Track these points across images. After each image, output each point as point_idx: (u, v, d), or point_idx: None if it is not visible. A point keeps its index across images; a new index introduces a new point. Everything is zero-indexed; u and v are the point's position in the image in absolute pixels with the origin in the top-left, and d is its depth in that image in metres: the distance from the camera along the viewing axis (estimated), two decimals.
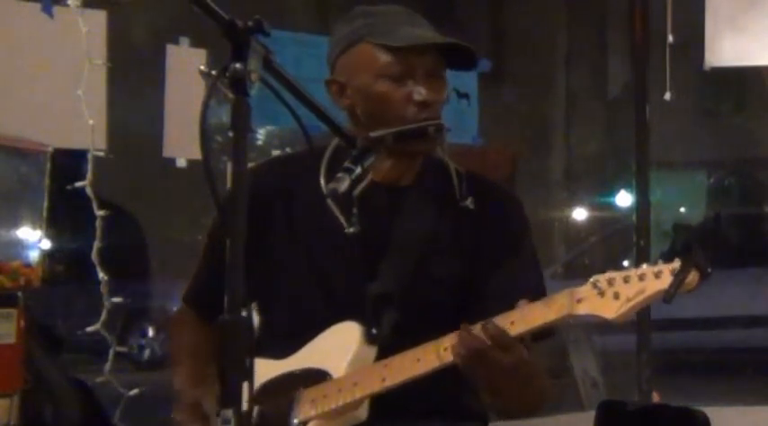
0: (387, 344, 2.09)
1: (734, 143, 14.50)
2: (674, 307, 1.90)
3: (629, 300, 1.86)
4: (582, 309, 1.89)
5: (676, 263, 1.83)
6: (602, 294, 1.88)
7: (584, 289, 1.90)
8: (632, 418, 2.96)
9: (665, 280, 1.83)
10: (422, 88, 2.11)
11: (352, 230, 2.13)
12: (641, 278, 1.86)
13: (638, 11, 4.78)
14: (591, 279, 1.90)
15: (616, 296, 1.87)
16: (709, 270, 1.82)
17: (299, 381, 2.11)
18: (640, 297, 1.86)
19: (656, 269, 1.85)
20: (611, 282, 1.88)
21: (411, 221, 2.17)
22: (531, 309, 1.93)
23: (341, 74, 2.18)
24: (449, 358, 1.98)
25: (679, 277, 1.81)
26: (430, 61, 2.13)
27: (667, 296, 1.82)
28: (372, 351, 2.09)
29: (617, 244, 12.79)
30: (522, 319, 1.93)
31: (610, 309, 1.87)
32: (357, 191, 2.04)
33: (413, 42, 2.10)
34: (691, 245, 1.83)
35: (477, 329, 1.93)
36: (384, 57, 2.12)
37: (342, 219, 2.14)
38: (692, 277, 1.82)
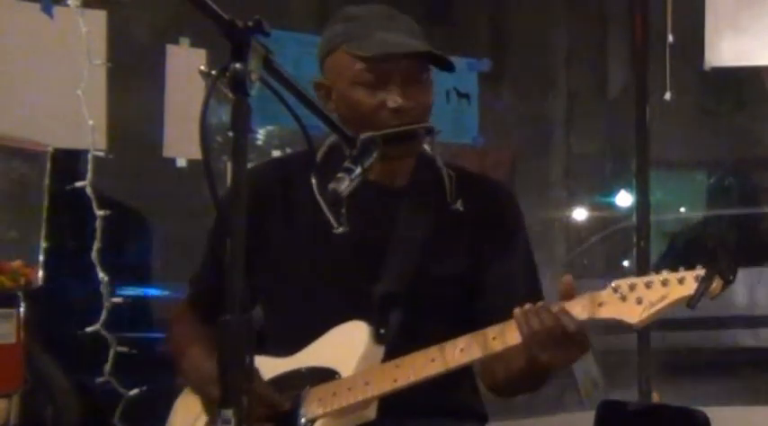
0: (393, 344, 2.09)
1: (734, 143, 14.49)
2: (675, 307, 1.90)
3: (651, 305, 1.87)
4: (604, 313, 1.91)
5: (700, 270, 1.84)
6: (623, 298, 1.89)
7: (605, 294, 1.91)
8: (632, 418, 2.96)
9: (689, 287, 1.85)
10: (396, 95, 2.11)
11: (341, 230, 2.13)
12: (664, 283, 1.87)
13: (638, 11, 4.78)
14: (611, 284, 1.91)
15: (639, 301, 1.88)
16: (732, 277, 1.82)
17: (305, 379, 2.11)
18: (663, 303, 1.87)
19: (678, 275, 1.87)
20: (632, 287, 1.89)
21: (408, 222, 2.18)
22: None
23: (327, 77, 2.19)
24: (463, 359, 1.98)
25: (703, 284, 1.82)
26: (405, 67, 2.13)
27: (691, 302, 1.83)
28: (380, 351, 2.09)
29: (617, 244, 12.79)
30: None
31: (632, 314, 1.88)
32: (348, 191, 2.04)
33: (382, 51, 2.10)
34: (716, 252, 1.84)
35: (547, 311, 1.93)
36: (358, 65, 2.12)
37: (331, 219, 2.14)
38: (716, 284, 1.83)
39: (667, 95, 4.30)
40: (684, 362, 9.42)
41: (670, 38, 4.26)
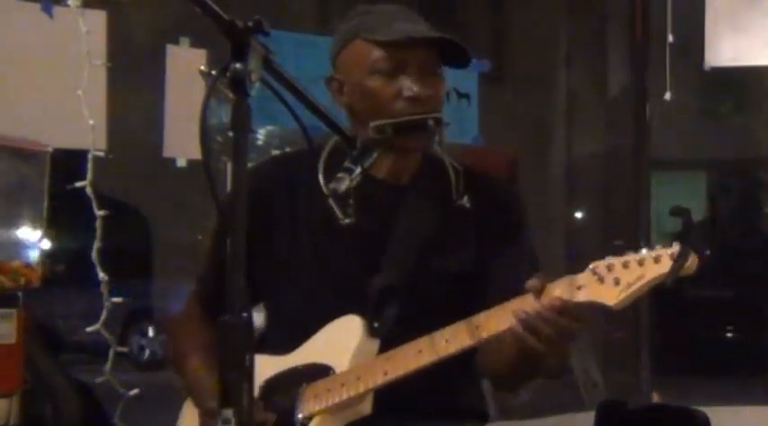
0: (390, 337, 2.09)
1: (734, 143, 14.49)
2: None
3: (629, 286, 1.85)
4: (582, 296, 1.88)
5: (675, 248, 1.82)
6: (601, 280, 1.86)
7: (584, 276, 1.89)
8: (632, 418, 2.96)
9: (665, 265, 1.82)
10: (413, 84, 2.11)
11: (348, 221, 2.14)
12: (640, 263, 1.85)
13: (638, 11, 4.79)
14: (590, 266, 1.88)
15: (616, 281, 1.85)
16: (707, 252, 1.81)
17: (302, 376, 2.11)
18: (640, 283, 1.84)
19: (654, 254, 1.84)
20: (610, 268, 1.86)
21: (411, 218, 2.18)
22: (531, 298, 1.93)
23: (339, 71, 2.19)
24: (449, 350, 1.98)
25: (678, 261, 1.80)
26: (422, 56, 2.13)
27: (667, 280, 1.81)
28: (375, 345, 2.10)
29: (617, 244, 12.78)
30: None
31: (610, 295, 1.86)
32: (353, 185, 2.04)
33: (403, 35, 2.11)
34: (689, 229, 1.83)
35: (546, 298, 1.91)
36: (376, 53, 2.13)
37: (338, 211, 2.15)
38: (692, 261, 1.81)
39: (667, 95, 4.30)
40: (684, 362, 9.43)
41: (670, 38, 4.27)
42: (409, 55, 2.12)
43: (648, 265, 1.84)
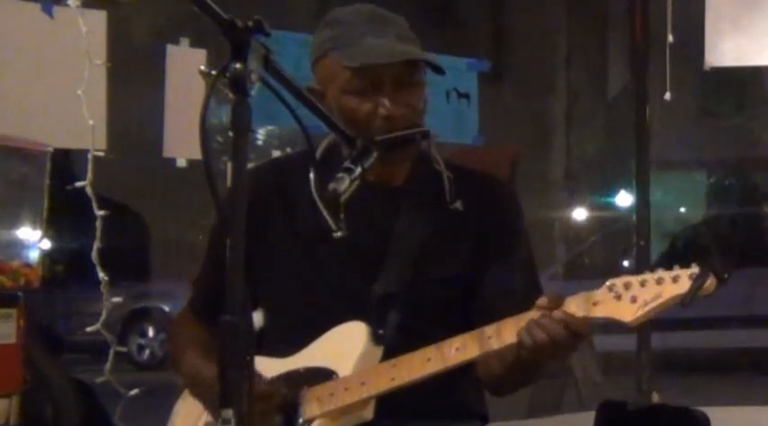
0: (392, 344, 2.09)
1: (734, 143, 14.50)
2: (675, 307, 1.91)
3: (646, 304, 1.86)
4: (598, 312, 1.90)
5: (695, 268, 1.84)
6: (618, 297, 1.88)
7: (600, 293, 1.91)
8: (632, 418, 2.96)
9: (683, 285, 1.84)
10: (387, 101, 2.08)
11: (339, 234, 2.12)
12: (658, 282, 1.86)
13: (638, 11, 4.79)
14: (607, 283, 1.90)
15: (633, 299, 1.87)
16: (726, 275, 1.82)
17: (303, 380, 2.11)
18: (657, 301, 1.86)
19: (673, 273, 1.86)
20: (627, 286, 1.88)
21: (407, 222, 2.17)
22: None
23: (318, 81, 2.17)
24: (459, 359, 1.98)
25: (697, 282, 1.82)
26: (395, 71, 2.09)
27: (685, 300, 1.83)
28: (378, 352, 2.09)
29: (617, 244, 12.78)
30: None
31: (627, 312, 1.88)
32: (348, 193, 2.04)
33: (368, 61, 2.06)
34: (710, 250, 1.85)
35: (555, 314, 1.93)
36: (346, 73, 2.08)
37: (331, 223, 2.13)
38: (710, 282, 1.82)
39: (667, 95, 4.30)
40: (684, 362, 9.43)
41: (670, 38, 4.27)
42: (381, 72, 2.09)
43: (666, 284, 1.86)
